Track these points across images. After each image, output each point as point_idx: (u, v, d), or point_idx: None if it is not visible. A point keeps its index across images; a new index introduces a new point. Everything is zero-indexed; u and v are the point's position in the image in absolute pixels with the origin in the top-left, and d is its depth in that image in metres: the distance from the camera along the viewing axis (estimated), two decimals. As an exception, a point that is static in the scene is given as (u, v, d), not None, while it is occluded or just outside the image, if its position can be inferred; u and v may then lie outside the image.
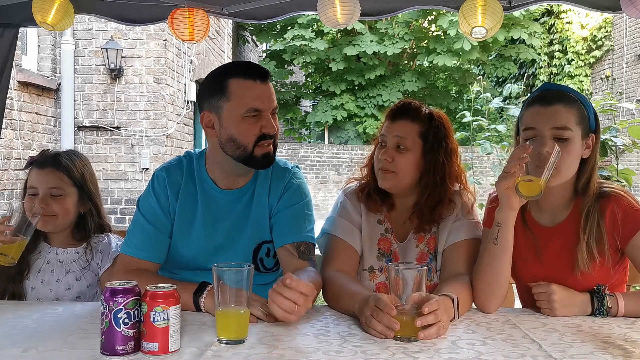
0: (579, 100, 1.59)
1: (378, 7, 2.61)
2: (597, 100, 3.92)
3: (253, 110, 1.59)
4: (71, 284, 1.88)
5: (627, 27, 12.69)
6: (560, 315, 1.51)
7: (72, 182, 1.90)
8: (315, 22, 14.39)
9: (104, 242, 1.95)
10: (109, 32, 6.90)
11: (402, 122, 1.75)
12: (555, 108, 1.55)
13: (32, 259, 1.90)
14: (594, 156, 1.60)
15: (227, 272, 1.28)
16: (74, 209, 1.92)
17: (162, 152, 7.07)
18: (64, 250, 1.92)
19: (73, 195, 1.91)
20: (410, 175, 1.74)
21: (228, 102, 1.59)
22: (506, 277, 1.56)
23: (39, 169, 1.89)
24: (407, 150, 1.73)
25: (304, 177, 1.83)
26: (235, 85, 1.59)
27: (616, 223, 1.55)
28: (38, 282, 1.88)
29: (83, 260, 1.91)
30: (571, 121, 1.54)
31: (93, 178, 1.99)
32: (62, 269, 1.89)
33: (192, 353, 1.20)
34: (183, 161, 1.77)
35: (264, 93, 1.61)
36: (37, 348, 1.22)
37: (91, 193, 1.95)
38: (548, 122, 1.54)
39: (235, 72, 1.61)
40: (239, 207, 1.72)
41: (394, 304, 1.31)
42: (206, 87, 1.65)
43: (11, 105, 5.73)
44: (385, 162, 1.73)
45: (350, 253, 1.76)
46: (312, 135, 17.91)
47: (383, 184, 1.76)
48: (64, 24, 2.45)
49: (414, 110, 1.76)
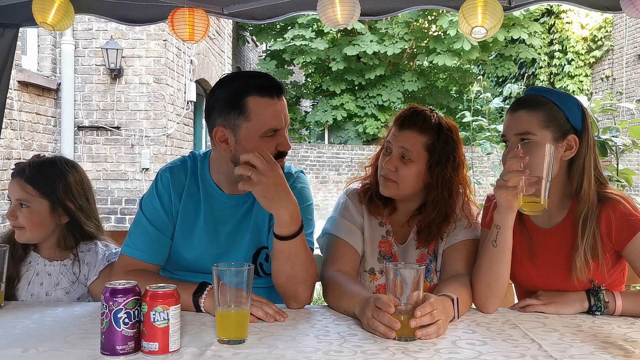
0: (555, 102, 1.56)
1: (378, 7, 2.61)
2: (597, 100, 3.92)
3: (272, 130, 1.58)
4: (60, 298, 1.83)
5: (627, 27, 12.69)
6: (558, 309, 1.52)
7: (39, 193, 1.81)
8: (315, 22, 14.39)
9: (91, 252, 1.88)
10: (109, 32, 6.89)
11: (408, 132, 1.71)
12: (518, 114, 1.57)
13: (22, 269, 1.85)
14: (582, 157, 1.57)
15: (227, 272, 1.29)
16: (45, 221, 1.83)
17: (162, 152, 7.07)
18: (51, 263, 1.86)
19: (41, 206, 1.81)
20: (413, 186, 1.73)
21: (247, 122, 1.56)
22: (505, 278, 1.56)
23: (12, 179, 1.85)
24: (411, 162, 1.71)
25: (307, 182, 1.82)
26: (253, 103, 1.56)
27: (611, 229, 1.55)
28: (28, 295, 1.84)
29: (71, 274, 1.85)
30: (534, 126, 1.54)
31: (75, 187, 1.87)
32: (50, 283, 1.84)
33: (192, 353, 1.20)
34: (187, 162, 1.75)
35: (281, 110, 1.60)
36: (37, 348, 1.22)
37: (63, 203, 1.84)
38: (512, 128, 1.57)
39: (252, 88, 1.58)
40: (240, 211, 1.71)
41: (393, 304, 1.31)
42: (220, 102, 1.60)
43: (11, 105, 5.73)
44: (388, 171, 1.72)
45: (351, 253, 1.76)
46: (312, 135, 17.91)
47: (384, 191, 1.75)
48: (64, 24, 2.45)
49: (422, 120, 1.72)
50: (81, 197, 1.88)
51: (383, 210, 1.81)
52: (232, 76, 1.68)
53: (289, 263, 1.53)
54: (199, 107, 8.98)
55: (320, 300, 3.67)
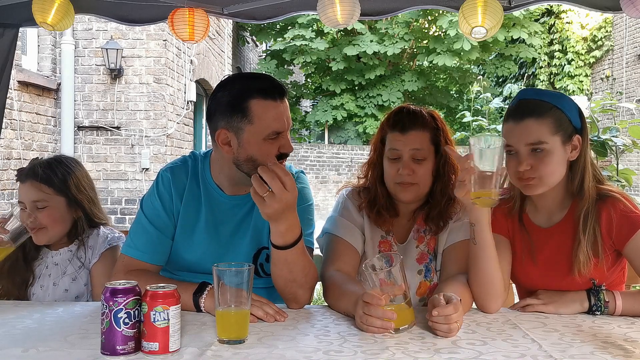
0: (555, 105, 1.55)
1: (378, 7, 2.61)
2: (597, 100, 3.92)
3: (275, 133, 1.58)
4: (68, 286, 1.88)
5: (627, 27, 12.68)
6: (557, 309, 1.53)
7: (54, 191, 1.85)
8: (315, 22, 14.39)
9: (93, 235, 1.93)
10: (109, 32, 6.89)
11: (413, 133, 1.72)
12: (526, 123, 1.53)
13: (35, 266, 1.90)
14: (582, 156, 1.58)
15: (228, 272, 1.29)
16: (64, 217, 1.88)
17: (162, 152, 7.06)
18: (57, 252, 1.91)
19: (60, 203, 1.87)
20: (429, 182, 1.75)
21: (250, 125, 1.56)
22: (496, 276, 1.53)
23: (22, 183, 1.86)
24: (424, 160, 1.72)
25: (308, 182, 1.82)
26: (256, 106, 1.56)
27: (611, 226, 1.55)
28: (38, 288, 1.88)
29: (76, 259, 1.90)
30: (545, 134, 1.52)
31: (82, 181, 1.92)
32: (58, 272, 1.89)
33: (192, 353, 1.20)
34: (188, 162, 1.75)
35: (283, 112, 1.59)
36: (37, 348, 1.23)
37: (77, 198, 1.89)
38: (521, 139, 1.53)
39: (254, 91, 1.57)
40: (241, 212, 1.71)
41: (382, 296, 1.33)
42: (222, 105, 1.59)
43: (11, 105, 5.73)
44: (406, 176, 1.72)
45: (351, 253, 1.76)
46: (312, 135, 17.91)
47: (406, 197, 1.75)
48: (64, 24, 2.45)
49: (420, 117, 1.75)
50: (90, 189, 1.95)
51: (389, 220, 1.81)
52: (234, 78, 1.67)
53: (286, 269, 1.54)
54: (199, 107, 8.98)
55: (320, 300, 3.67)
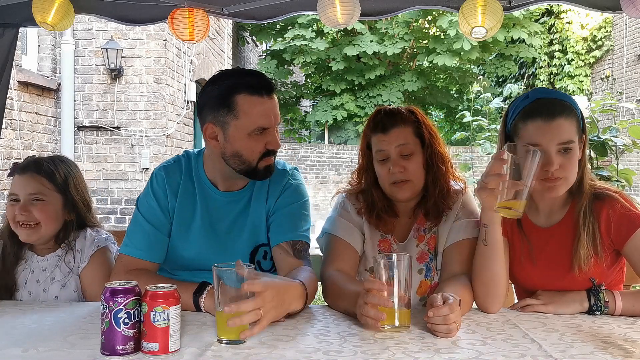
0: (573, 105, 1.56)
1: (378, 7, 2.61)
2: (597, 100, 3.92)
3: (260, 128, 1.59)
4: (58, 293, 1.83)
5: (627, 27, 12.68)
6: (557, 309, 1.53)
7: (54, 188, 1.82)
8: (315, 22, 14.38)
9: (80, 238, 1.87)
10: (109, 32, 6.89)
11: (395, 130, 1.73)
12: (558, 122, 1.50)
13: (17, 272, 1.84)
14: (583, 154, 1.59)
15: (227, 272, 1.28)
16: (58, 216, 1.83)
17: (162, 152, 7.06)
18: (44, 257, 1.85)
19: (56, 201, 1.83)
20: (422, 177, 1.76)
21: (235, 120, 1.58)
22: (502, 277, 1.55)
23: (20, 175, 1.81)
24: (412, 155, 1.73)
25: (302, 178, 1.83)
26: (242, 101, 1.57)
27: (610, 226, 1.55)
28: (26, 295, 1.83)
29: (64, 264, 1.84)
30: (574, 133, 1.52)
31: (80, 184, 1.89)
32: (47, 279, 1.83)
33: (192, 353, 1.20)
34: (182, 160, 1.77)
35: (270, 109, 1.60)
36: (37, 348, 1.23)
37: (74, 199, 1.85)
38: (553, 138, 1.49)
39: (242, 86, 1.58)
40: (237, 209, 1.72)
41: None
42: (210, 99, 1.61)
43: (11, 105, 5.73)
44: (398, 174, 1.72)
45: (350, 252, 1.76)
46: (312, 135, 17.91)
47: (402, 195, 1.75)
48: (64, 24, 2.45)
49: (398, 114, 1.76)
50: (86, 193, 1.92)
51: (390, 221, 1.80)
52: (225, 73, 1.68)
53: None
54: (199, 107, 8.96)
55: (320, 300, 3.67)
